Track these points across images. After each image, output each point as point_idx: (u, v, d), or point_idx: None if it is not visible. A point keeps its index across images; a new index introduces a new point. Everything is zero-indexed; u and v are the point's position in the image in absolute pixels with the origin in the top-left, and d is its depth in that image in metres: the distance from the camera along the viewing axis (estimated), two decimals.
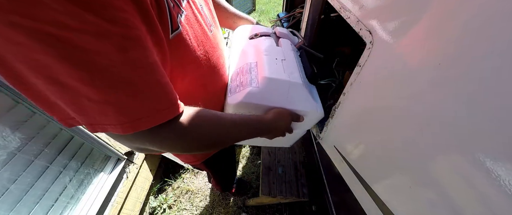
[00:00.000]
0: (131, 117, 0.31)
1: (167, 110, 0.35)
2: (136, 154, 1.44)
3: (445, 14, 0.28)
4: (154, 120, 0.33)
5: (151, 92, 0.32)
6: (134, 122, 0.31)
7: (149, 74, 0.31)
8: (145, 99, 0.32)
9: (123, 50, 0.28)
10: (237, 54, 0.71)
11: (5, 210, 0.81)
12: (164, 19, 0.36)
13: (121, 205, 1.28)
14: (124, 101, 0.30)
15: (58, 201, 1.01)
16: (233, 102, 0.56)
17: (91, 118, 0.30)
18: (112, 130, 0.31)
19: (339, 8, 0.55)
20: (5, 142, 0.83)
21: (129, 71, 0.29)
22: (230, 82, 0.62)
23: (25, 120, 0.90)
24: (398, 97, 0.39)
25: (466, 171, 0.28)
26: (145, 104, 0.32)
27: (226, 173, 1.16)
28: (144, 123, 0.32)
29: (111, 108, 0.29)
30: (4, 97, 0.83)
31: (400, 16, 0.35)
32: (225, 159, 1.01)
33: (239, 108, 0.57)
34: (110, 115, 0.30)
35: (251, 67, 0.62)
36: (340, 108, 0.59)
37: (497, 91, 0.23)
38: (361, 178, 0.56)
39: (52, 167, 0.99)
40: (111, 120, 0.31)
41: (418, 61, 0.33)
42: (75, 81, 0.26)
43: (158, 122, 0.34)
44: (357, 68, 0.48)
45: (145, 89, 0.31)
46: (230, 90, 0.60)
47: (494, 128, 0.24)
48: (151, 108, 0.32)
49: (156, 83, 0.33)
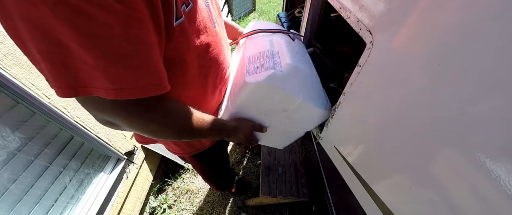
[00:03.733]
0: (117, 85, 0.33)
1: (152, 86, 0.37)
2: (136, 154, 1.44)
3: (445, 14, 0.28)
4: (138, 92, 0.36)
5: (142, 68, 0.35)
6: (119, 90, 0.34)
7: (144, 52, 0.34)
8: (135, 72, 0.34)
9: (126, 27, 0.30)
10: (254, 42, 0.69)
11: (5, 210, 0.81)
12: (170, 7, 0.38)
13: (121, 205, 1.28)
14: (116, 70, 0.33)
15: (58, 201, 1.01)
16: (253, 81, 0.54)
17: (77, 79, 0.32)
18: (95, 93, 0.34)
19: (339, 8, 0.55)
20: (5, 142, 0.83)
21: (127, 45, 0.32)
22: (248, 64, 0.60)
23: (25, 120, 0.90)
24: (398, 97, 0.39)
25: (466, 171, 0.28)
26: (134, 76, 0.35)
27: (218, 170, 1.14)
28: (128, 93, 0.35)
29: (101, 73, 0.32)
30: (4, 97, 0.83)
31: (400, 16, 0.35)
32: (216, 155, 0.99)
33: (257, 89, 0.55)
34: (99, 79, 0.32)
35: (273, 53, 0.60)
36: (340, 108, 0.59)
37: (497, 91, 0.23)
38: (361, 178, 0.56)
39: (52, 167, 0.99)
40: (98, 84, 0.33)
41: (418, 61, 0.33)
42: (75, 44, 0.29)
43: (141, 95, 0.36)
44: (357, 68, 0.48)
45: (138, 63, 0.34)
46: (248, 71, 0.57)
47: (495, 128, 0.24)
48: (139, 81, 0.35)
49: (148, 61, 0.35)
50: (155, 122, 0.43)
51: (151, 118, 0.42)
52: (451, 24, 0.27)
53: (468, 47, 0.25)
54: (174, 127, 0.46)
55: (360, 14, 0.46)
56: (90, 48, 0.29)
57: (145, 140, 0.81)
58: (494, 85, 0.23)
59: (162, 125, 0.44)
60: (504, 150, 0.23)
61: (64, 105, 1.00)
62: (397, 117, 0.40)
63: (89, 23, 0.28)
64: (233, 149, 1.90)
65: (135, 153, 1.42)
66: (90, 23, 0.28)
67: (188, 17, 0.44)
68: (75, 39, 0.28)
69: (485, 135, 0.25)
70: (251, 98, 0.58)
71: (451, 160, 0.30)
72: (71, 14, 0.27)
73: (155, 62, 0.37)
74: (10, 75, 0.81)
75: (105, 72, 0.32)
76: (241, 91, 0.57)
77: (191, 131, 0.50)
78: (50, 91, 0.95)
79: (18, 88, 0.83)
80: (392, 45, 0.38)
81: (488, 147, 0.25)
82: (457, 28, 0.26)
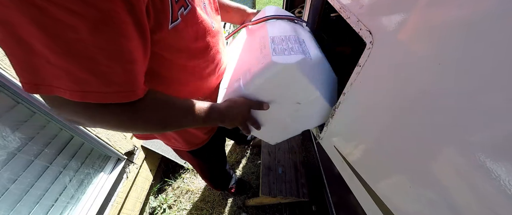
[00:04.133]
0: (82, 88, 0.33)
1: (119, 94, 0.36)
2: (136, 154, 1.44)
3: (445, 15, 0.28)
4: (104, 98, 0.35)
5: (110, 74, 0.34)
6: (84, 93, 0.33)
7: (114, 57, 0.33)
8: (101, 78, 0.33)
9: (94, 32, 0.30)
10: (276, 25, 0.65)
11: (5, 210, 0.81)
12: (165, 10, 0.39)
13: (121, 205, 1.28)
14: (81, 73, 0.32)
15: (58, 201, 1.01)
16: (281, 61, 0.48)
17: (42, 78, 0.32)
18: (59, 93, 0.33)
19: (339, 8, 0.55)
20: (5, 142, 0.83)
21: (94, 50, 0.31)
22: (272, 44, 0.54)
23: (25, 120, 0.90)
24: (398, 97, 0.39)
25: (467, 171, 0.28)
26: (100, 82, 0.34)
27: (215, 168, 1.14)
28: (93, 97, 0.34)
29: (65, 74, 0.31)
30: (4, 97, 0.83)
31: (400, 16, 0.35)
32: (213, 152, 0.99)
33: (284, 71, 0.49)
34: (63, 79, 0.32)
35: (299, 39, 0.57)
36: (340, 108, 0.59)
37: (498, 90, 0.23)
38: (361, 178, 0.56)
39: (52, 167, 0.99)
40: (62, 84, 0.32)
41: (418, 61, 0.33)
42: (40, 43, 0.29)
43: (106, 101, 0.35)
44: (357, 68, 0.48)
45: (105, 69, 0.33)
46: (274, 51, 0.51)
47: (495, 128, 0.24)
48: (105, 87, 0.34)
49: (118, 67, 0.34)
50: (122, 125, 0.41)
51: (116, 122, 0.40)
52: (451, 24, 0.27)
53: (468, 47, 0.25)
54: (145, 125, 0.44)
55: (360, 14, 0.46)
56: (56, 50, 0.29)
57: (144, 136, 0.82)
58: (495, 85, 0.23)
59: (129, 127, 0.43)
60: (504, 149, 0.23)
61: None
62: (397, 117, 0.40)
63: (55, 25, 0.28)
64: (233, 149, 1.90)
65: (135, 153, 1.42)
66: (56, 25, 0.28)
67: (185, 19, 0.45)
68: (40, 39, 0.28)
69: (485, 135, 0.25)
70: (273, 80, 0.51)
71: (451, 160, 0.30)
72: (37, 14, 0.26)
73: (127, 68, 0.35)
74: (10, 75, 0.81)
75: (69, 74, 0.31)
76: (263, 71, 0.50)
77: (169, 124, 0.47)
78: None
79: (18, 88, 0.83)
80: (392, 45, 0.38)
81: (489, 147, 0.25)
82: (457, 27, 0.26)
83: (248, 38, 0.70)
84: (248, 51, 0.62)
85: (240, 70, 0.58)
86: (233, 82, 0.58)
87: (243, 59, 0.62)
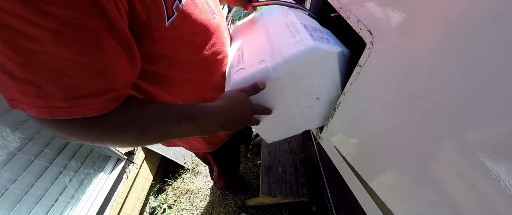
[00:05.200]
0: (49, 103, 0.31)
1: (88, 107, 0.33)
2: (136, 154, 1.44)
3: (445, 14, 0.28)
4: (71, 113, 0.32)
5: (78, 86, 0.31)
6: (50, 109, 0.31)
7: (80, 69, 0.31)
8: (68, 91, 0.31)
9: (57, 42, 0.28)
10: (298, 13, 0.61)
11: (5, 210, 0.81)
12: (158, 6, 0.37)
13: (121, 205, 1.28)
14: (46, 87, 0.30)
15: (58, 201, 1.01)
16: (325, 48, 0.45)
17: (11, 94, 0.31)
18: (28, 111, 0.31)
19: (339, 8, 0.55)
20: (5, 142, 0.83)
21: (57, 61, 0.29)
22: (306, 30, 0.49)
23: (25, 120, 0.90)
24: (398, 97, 0.39)
25: (467, 171, 0.28)
26: (67, 96, 0.31)
27: (232, 168, 1.16)
28: (59, 112, 0.32)
29: (31, 88, 0.29)
30: None
31: (400, 16, 0.35)
32: (233, 153, 1.00)
33: (323, 58, 0.46)
34: (30, 96, 0.30)
35: (328, 33, 0.54)
36: (340, 108, 0.59)
37: (498, 90, 0.23)
38: (361, 178, 0.56)
39: (52, 167, 0.99)
40: (29, 101, 0.30)
41: (418, 61, 0.33)
42: (6, 59, 0.27)
43: (74, 116, 0.33)
44: (357, 68, 0.48)
45: (72, 81, 0.31)
46: (312, 36, 0.47)
47: (496, 128, 0.24)
48: (72, 101, 0.31)
49: (86, 79, 0.32)
50: (97, 139, 0.37)
51: (90, 136, 0.36)
52: (451, 23, 0.27)
53: (469, 47, 0.25)
54: (119, 140, 0.39)
55: (360, 14, 0.46)
56: (20, 62, 0.28)
57: (166, 143, 0.82)
58: (496, 85, 0.23)
59: (104, 141, 0.38)
60: (505, 149, 0.23)
61: None
62: (398, 117, 0.40)
63: (17, 37, 0.26)
64: None
65: (135, 153, 1.42)
66: (17, 37, 0.26)
67: (181, 13, 0.42)
68: (5, 53, 0.27)
69: (485, 135, 0.25)
70: (308, 66, 0.46)
71: (452, 160, 0.30)
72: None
73: (97, 80, 0.33)
74: None
75: (36, 88, 0.29)
76: (302, 54, 0.45)
77: (152, 133, 0.41)
78: None
79: None
80: (392, 45, 0.38)
81: (489, 147, 0.25)
82: (457, 27, 0.26)
83: (261, 23, 0.66)
84: (268, 36, 0.56)
85: (261, 53, 0.51)
86: (253, 64, 0.50)
87: (261, 43, 0.55)
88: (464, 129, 0.27)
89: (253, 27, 0.68)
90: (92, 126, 0.35)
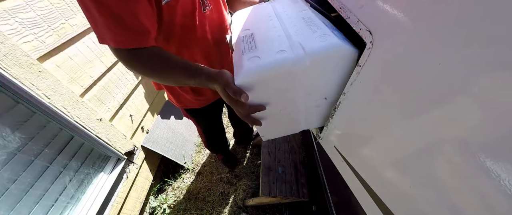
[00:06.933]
0: (117, 38, 0.51)
1: (138, 40, 0.53)
2: (136, 154, 1.44)
3: (445, 14, 0.28)
4: (129, 43, 0.52)
5: (131, 26, 0.51)
6: (118, 42, 0.51)
7: (134, 14, 0.50)
8: (127, 29, 0.50)
9: None
10: (313, 12, 0.60)
11: (5, 210, 0.81)
12: None
13: (121, 205, 1.28)
14: (115, 27, 0.49)
15: (58, 201, 1.01)
16: (347, 47, 0.45)
17: (102, 33, 0.51)
18: (107, 43, 0.52)
19: (339, 8, 0.55)
20: (5, 142, 0.83)
21: (122, 9, 0.48)
22: (326, 27, 0.49)
23: (25, 120, 0.90)
24: (398, 97, 0.39)
25: (467, 171, 0.28)
26: (124, 32, 0.50)
27: (209, 130, 1.31)
28: (123, 43, 0.52)
29: (107, 29, 0.50)
30: (4, 97, 0.83)
31: (401, 16, 0.35)
32: (207, 116, 1.14)
33: (344, 56, 0.45)
34: (108, 33, 0.50)
35: (336, 30, 0.52)
36: (340, 108, 0.59)
37: (499, 90, 0.23)
38: (361, 178, 0.56)
39: (52, 167, 0.99)
40: (108, 37, 0.51)
41: (418, 61, 0.33)
42: (94, 10, 0.47)
43: (130, 45, 0.52)
44: (357, 68, 0.48)
45: (129, 22, 0.50)
46: (334, 33, 0.47)
47: (497, 128, 0.24)
48: (130, 36, 0.51)
49: (137, 22, 0.51)
50: (140, 66, 0.56)
51: (134, 63, 0.55)
52: (451, 23, 0.27)
53: (469, 47, 0.25)
54: (153, 68, 0.56)
55: (360, 14, 0.46)
56: (101, 12, 0.47)
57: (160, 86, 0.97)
58: (496, 85, 0.23)
59: (146, 67, 0.56)
60: (505, 150, 0.23)
61: (64, 105, 1.00)
62: (398, 117, 0.40)
63: None
64: (233, 149, 1.90)
65: (135, 153, 1.42)
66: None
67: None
68: (92, 6, 0.46)
69: (486, 135, 0.25)
70: (328, 62, 0.46)
71: (452, 160, 0.30)
72: None
73: (143, 22, 0.52)
74: (10, 75, 0.81)
75: (109, 28, 0.49)
76: (324, 49, 0.45)
77: (166, 72, 0.57)
78: (50, 91, 0.95)
79: (18, 88, 0.83)
80: (392, 45, 0.38)
81: (489, 147, 0.25)
82: (457, 27, 0.26)
83: (271, 13, 0.64)
84: (282, 27, 0.55)
85: (278, 44, 0.49)
86: (269, 53, 0.47)
87: (276, 33, 0.53)
88: (465, 129, 0.27)
89: (261, 16, 0.66)
90: (134, 55, 0.54)
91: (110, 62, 1.31)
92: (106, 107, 1.26)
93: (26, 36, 0.89)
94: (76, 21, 1.11)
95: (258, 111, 0.52)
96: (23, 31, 0.88)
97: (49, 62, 0.98)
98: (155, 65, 0.56)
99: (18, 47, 0.84)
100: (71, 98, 1.04)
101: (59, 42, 1.01)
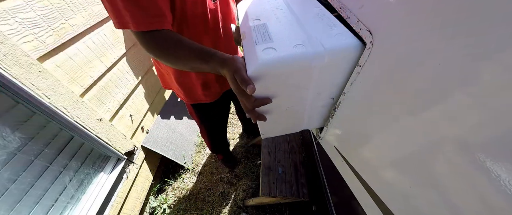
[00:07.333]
0: (136, 20, 0.54)
1: (156, 23, 0.56)
2: (136, 154, 1.44)
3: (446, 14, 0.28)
4: (148, 25, 0.55)
5: (150, 9, 0.55)
6: (137, 24, 0.54)
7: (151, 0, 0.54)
8: (146, 11, 0.54)
9: None
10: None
11: (5, 210, 0.81)
12: None
13: (121, 205, 1.28)
14: (134, 9, 0.53)
15: (58, 201, 1.01)
16: (361, 44, 0.44)
17: (120, 17, 0.54)
18: (127, 26, 0.55)
19: (339, 8, 0.54)
20: (5, 142, 0.83)
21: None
22: (338, 22, 0.49)
23: (25, 120, 0.90)
24: (398, 97, 0.39)
25: (467, 171, 0.28)
26: (142, 13, 0.54)
27: (213, 128, 1.31)
28: (144, 25, 0.55)
29: (127, 12, 0.53)
30: (4, 97, 0.83)
31: (401, 16, 0.35)
32: (214, 113, 1.16)
33: (358, 57, 0.45)
34: (127, 16, 0.54)
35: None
36: (340, 108, 0.59)
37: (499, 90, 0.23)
38: (361, 178, 0.56)
39: (52, 167, 0.99)
40: (127, 20, 0.54)
41: (418, 61, 0.33)
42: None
43: (149, 28, 0.55)
44: (357, 68, 0.48)
45: (146, 5, 0.54)
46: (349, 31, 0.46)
47: (496, 128, 0.24)
48: (148, 18, 0.55)
49: (153, 4, 0.55)
50: (156, 49, 0.58)
51: (152, 46, 0.57)
52: (451, 23, 0.27)
53: (469, 47, 0.25)
54: (170, 51, 0.58)
55: (360, 14, 0.46)
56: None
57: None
58: (496, 85, 0.23)
59: (163, 50, 0.57)
60: (505, 150, 0.23)
61: (64, 105, 1.00)
62: (398, 117, 0.40)
63: None
64: (233, 150, 1.90)
65: (135, 153, 1.42)
66: None
67: None
68: None
69: (486, 135, 0.25)
70: (345, 62, 0.46)
71: (452, 161, 0.30)
72: None
73: (159, 5, 0.56)
74: (10, 75, 0.81)
75: (127, 10, 0.52)
76: (343, 47, 0.44)
77: (181, 57, 0.58)
78: (50, 91, 0.95)
79: (18, 88, 0.83)
80: (392, 45, 0.38)
81: (489, 147, 0.25)
82: (457, 27, 0.26)
83: (281, 5, 0.62)
84: (297, 21, 0.53)
85: (295, 37, 0.47)
86: (285, 46, 0.45)
87: (291, 27, 0.51)
88: (465, 129, 0.27)
89: (271, 5, 0.64)
90: (151, 37, 0.57)
91: (110, 62, 1.31)
92: (106, 107, 1.26)
93: (26, 36, 0.89)
94: (76, 21, 1.11)
95: (264, 104, 0.50)
96: (23, 31, 0.88)
97: (49, 62, 0.98)
98: (172, 48, 0.57)
99: (18, 47, 0.84)
100: (71, 98, 1.04)
101: (59, 42, 1.01)
